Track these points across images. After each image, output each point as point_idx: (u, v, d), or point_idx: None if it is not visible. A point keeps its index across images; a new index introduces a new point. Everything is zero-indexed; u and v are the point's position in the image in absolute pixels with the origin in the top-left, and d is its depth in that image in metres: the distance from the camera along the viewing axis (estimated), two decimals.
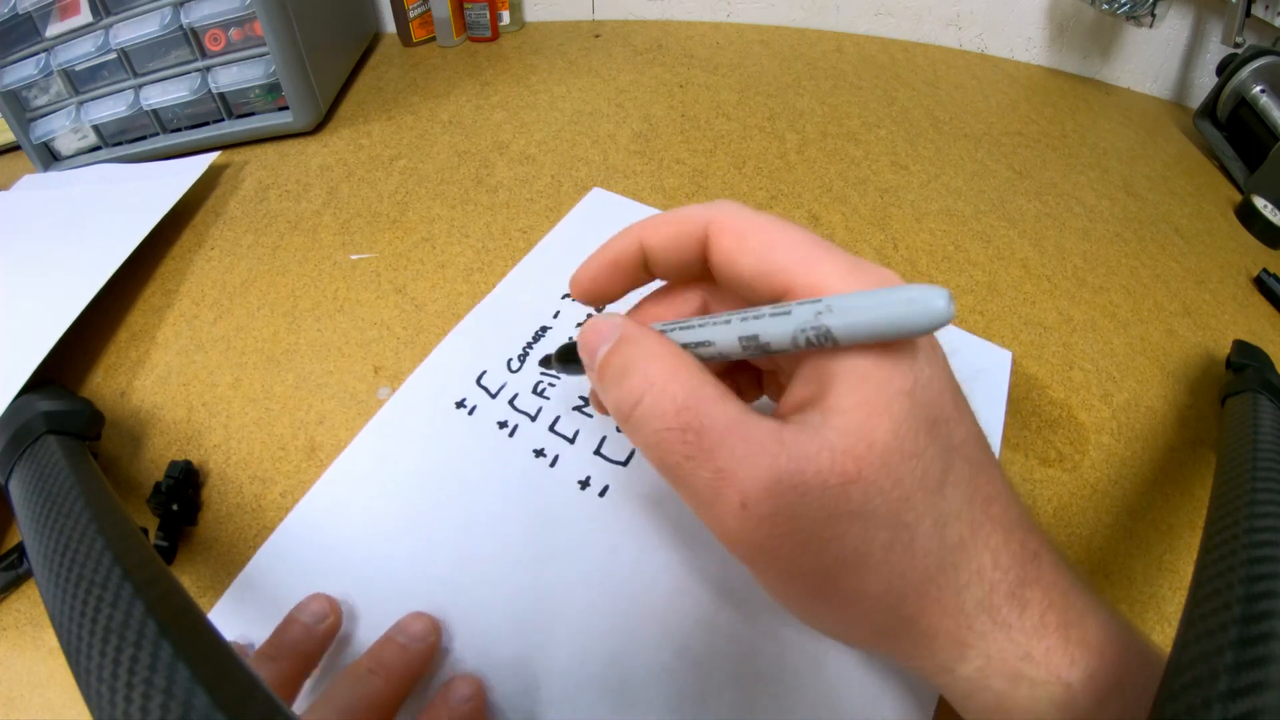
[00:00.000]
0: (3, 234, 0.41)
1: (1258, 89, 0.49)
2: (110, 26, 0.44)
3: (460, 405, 0.32)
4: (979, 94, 0.58)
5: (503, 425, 0.31)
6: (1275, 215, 0.46)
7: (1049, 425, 0.33)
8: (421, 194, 0.45)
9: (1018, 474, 0.31)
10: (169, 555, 0.27)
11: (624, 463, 0.30)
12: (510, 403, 0.32)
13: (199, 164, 0.44)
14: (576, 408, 0.32)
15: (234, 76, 0.46)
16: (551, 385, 0.33)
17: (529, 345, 0.35)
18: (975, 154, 0.51)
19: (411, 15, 0.59)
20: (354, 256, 0.40)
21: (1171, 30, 0.58)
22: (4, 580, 0.26)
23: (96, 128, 0.47)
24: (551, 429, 0.31)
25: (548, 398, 0.32)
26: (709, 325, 0.17)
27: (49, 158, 0.48)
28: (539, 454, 0.30)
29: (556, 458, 0.30)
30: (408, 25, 0.60)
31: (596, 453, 0.30)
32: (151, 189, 0.42)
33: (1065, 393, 0.35)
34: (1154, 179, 0.51)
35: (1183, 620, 0.15)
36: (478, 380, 0.33)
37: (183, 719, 0.13)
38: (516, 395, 0.32)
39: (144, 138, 0.48)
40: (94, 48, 0.44)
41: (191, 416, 0.33)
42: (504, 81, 0.56)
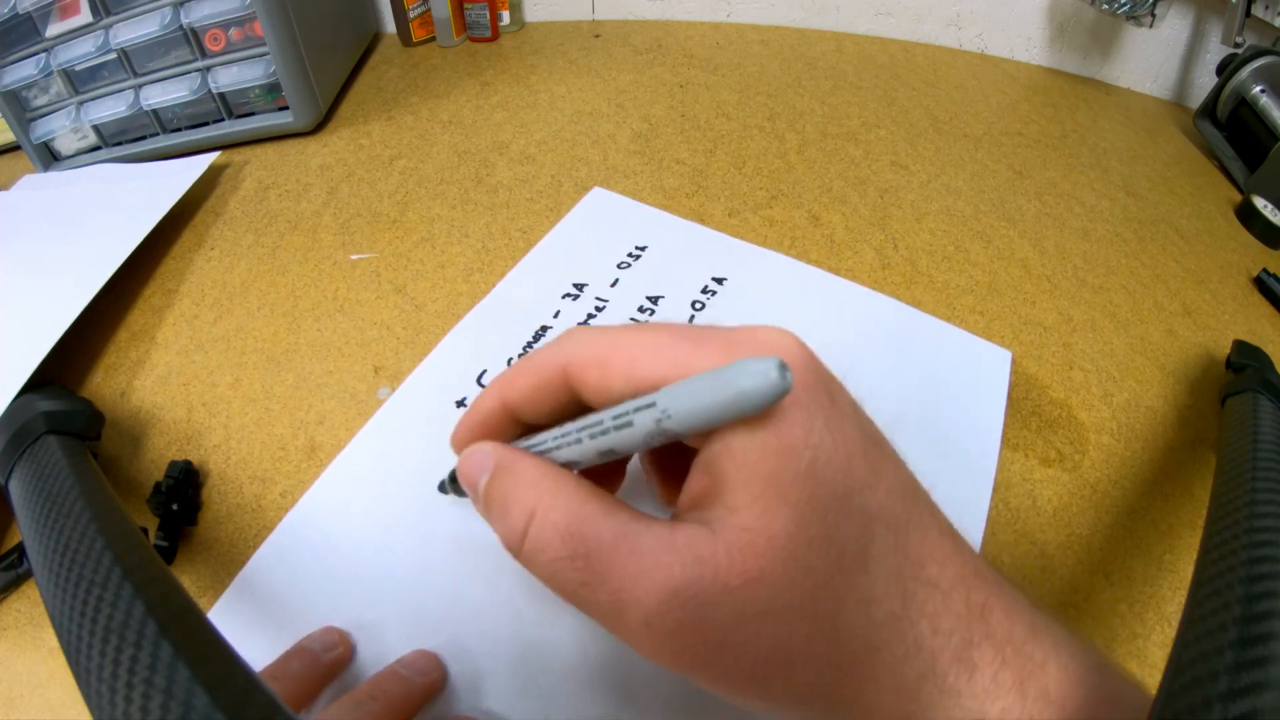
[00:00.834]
0: (3, 234, 0.41)
1: (1258, 89, 0.49)
2: (110, 26, 0.44)
3: (460, 405, 0.32)
4: (979, 94, 0.58)
5: None
6: (1275, 215, 0.46)
7: (1049, 425, 0.34)
8: (421, 194, 0.45)
9: (1018, 474, 0.31)
10: (169, 555, 0.27)
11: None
12: None
13: (199, 164, 0.44)
14: None
15: (234, 76, 0.46)
16: None
17: (529, 345, 0.35)
18: (975, 154, 0.51)
19: (411, 15, 0.59)
20: (354, 256, 0.40)
21: (1171, 30, 0.58)
22: (4, 580, 0.26)
23: (96, 128, 0.47)
24: None
25: None
26: (565, 446, 0.17)
27: (49, 158, 0.48)
28: None
29: None
30: (408, 25, 0.60)
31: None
32: (151, 189, 0.42)
33: (1065, 393, 0.35)
34: (1154, 179, 0.51)
35: (1183, 620, 0.15)
36: (478, 380, 0.33)
37: (183, 719, 0.13)
38: None
39: (144, 138, 0.48)
40: (94, 48, 0.44)
41: (191, 416, 0.33)
42: (504, 81, 0.56)
